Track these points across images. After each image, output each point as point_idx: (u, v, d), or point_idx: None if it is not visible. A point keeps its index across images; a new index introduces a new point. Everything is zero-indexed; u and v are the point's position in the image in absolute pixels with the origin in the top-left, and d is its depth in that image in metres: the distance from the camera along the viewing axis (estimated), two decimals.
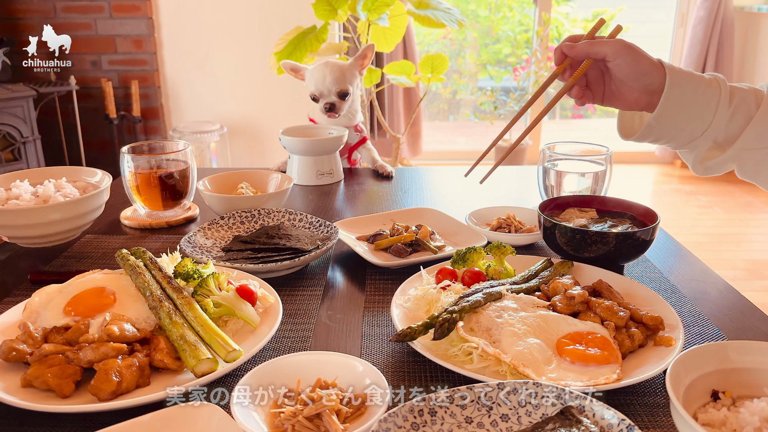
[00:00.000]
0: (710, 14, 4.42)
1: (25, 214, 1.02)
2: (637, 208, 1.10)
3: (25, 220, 1.02)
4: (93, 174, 1.20)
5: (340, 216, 1.38)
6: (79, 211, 1.06)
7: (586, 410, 0.60)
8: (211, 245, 1.12)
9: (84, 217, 1.09)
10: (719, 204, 4.17)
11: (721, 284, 1.04)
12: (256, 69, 3.77)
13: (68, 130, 3.75)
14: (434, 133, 6.00)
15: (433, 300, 0.88)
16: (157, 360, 0.73)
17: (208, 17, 3.74)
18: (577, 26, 5.92)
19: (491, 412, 0.63)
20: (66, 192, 1.12)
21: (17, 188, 1.10)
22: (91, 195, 1.07)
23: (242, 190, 1.37)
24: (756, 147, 0.88)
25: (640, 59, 0.85)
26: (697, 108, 0.87)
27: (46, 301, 0.82)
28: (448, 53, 5.75)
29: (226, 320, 0.83)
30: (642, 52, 0.86)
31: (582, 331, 0.78)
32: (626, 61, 0.85)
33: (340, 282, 1.05)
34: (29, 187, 1.12)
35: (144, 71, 3.80)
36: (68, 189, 1.13)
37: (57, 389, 0.69)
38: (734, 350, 0.69)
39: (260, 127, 3.97)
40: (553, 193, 1.29)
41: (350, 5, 2.58)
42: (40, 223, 1.03)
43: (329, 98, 1.59)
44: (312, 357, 0.74)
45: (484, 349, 0.74)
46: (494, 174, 0.99)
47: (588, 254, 1.00)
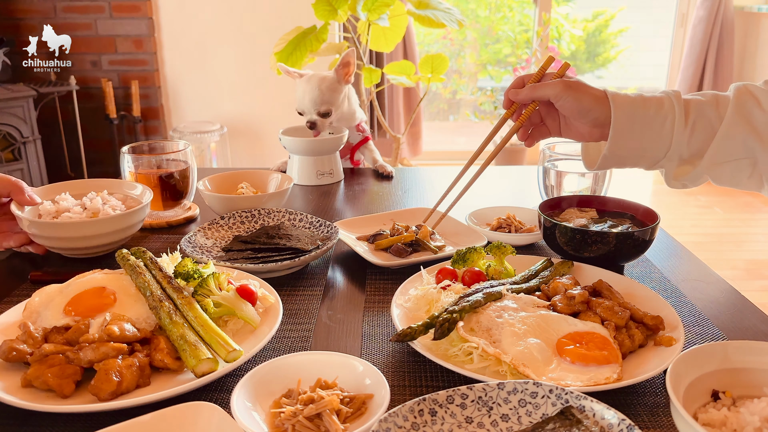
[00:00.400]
0: (710, 14, 4.42)
1: (78, 227, 1.04)
2: (637, 208, 1.10)
3: (77, 232, 1.04)
4: (133, 187, 1.22)
5: (341, 216, 1.38)
6: (127, 223, 1.09)
7: (586, 410, 0.60)
8: (212, 245, 1.12)
9: (130, 229, 1.11)
10: (719, 204, 4.17)
11: (721, 284, 1.04)
12: (256, 69, 3.77)
13: (68, 130, 3.75)
14: (434, 133, 5.99)
15: (433, 300, 0.88)
16: (158, 360, 0.73)
17: (208, 17, 3.74)
18: (577, 26, 5.92)
19: (491, 412, 0.63)
20: (112, 204, 1.14)
21: (65, 201, 1.13)
22: (139, 208, 1.10)
23: (242, 190, 1.37)
24: (726, 161, 0.88)
25: (582, 97, 0.87)
26: (650, 132, 0.88)
27: (47, 301, 0.82)
28: (448, 53, 5.75)
29: (226, 320, 0.83)
30: (585, 88, 0.88)
31: (582, 331, 0.78)
32: (569, 101, 0.88)
33: (340, 282, 1.05)
34: (74, 200, 1.14)
35: (144, 71, 3.80)
36: (113, 201, 1.15)
37: (57, 389, 0.69)
38: (734, 350, 0.69)
39: (260, 127, 3.97)
40: (553, 193, 1.29)
41: (350, 5, 2.58)
42: (90, 236, 1.05)
43: (310, 117, 1.58)
44: (312, 357, 0.74)
45: (484, 349, 0.74)
46: (494, 174, 1.00)
47: (588, 254, 1.00)
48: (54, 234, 1.04)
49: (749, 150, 0.87)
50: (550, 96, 0.89)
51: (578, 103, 0.88)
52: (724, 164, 0.89)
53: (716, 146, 0.87)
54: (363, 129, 1.72)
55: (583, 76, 6.22)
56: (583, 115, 0.89)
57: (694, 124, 0.87)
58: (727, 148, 0.87)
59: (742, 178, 0.90)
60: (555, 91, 0.88)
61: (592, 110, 0.88)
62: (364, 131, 1.73)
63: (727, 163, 0.88)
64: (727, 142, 0.87)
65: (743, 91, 0.88)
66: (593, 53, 6.19)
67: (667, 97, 0.89)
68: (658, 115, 0.88)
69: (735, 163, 0.88)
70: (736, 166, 0.88)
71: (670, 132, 0.88)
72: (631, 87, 6.44)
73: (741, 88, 0.89)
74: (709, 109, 0.88)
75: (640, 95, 0.89)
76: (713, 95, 0.90)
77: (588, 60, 6.20)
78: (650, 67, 6.10)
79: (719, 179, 0.91)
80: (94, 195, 1.16)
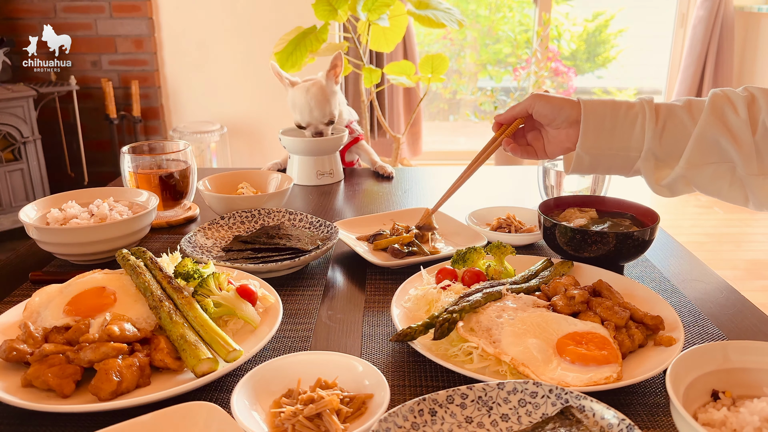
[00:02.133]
0: (710, 14, 4.42)
1: (86, 233, 1.05)
2: (637, 208, 1.10)
3: (86, 238, 1.05)
4: (138, 194, 1.24)
5: (340, 216, 1.38)
6: (135, 227, 1.10)
7: (586, 410, 0.60)
8: (212, 245, 1.12)
9: (139, 233, 1.13)
10: (719, 204, 4.17)
11: (721, 284, 1.04)
12: (256, 69, 3.77)
13: (68, 130, 3.75)
14: (434, 133, 5.99)
15: (433, 300, 0.88)
16: (158, 360, 0.74)
17: (208, 18, 3.74)
18: (577, 26, 5.92)
19: (491, 412, 0.63)
20: (119, 210, 1.16)
21: (72, 208, 1.14)
22: (145, 213, 1.12)
23: (242, 190, 1.37)
24: (703, 163, 0.90)
25: (552, 100, 0.96)
26: (621, 129, 0.92)
27: (47, 301, 0.82)
28: (448, 53, 5.75)
29: (226, 320, 0.83)
30: (555, 96, 0.97)
31: (582, 331, 0.78)
32: (541, 105, 0.96)
33: (340, 282, 1.05)
34: (80, 207, 1.16)
35: (144, 71, 3.79)
36: (120, 207, 1.17)
37: (57, 389, 0.69)
38: (734, 350, 0.69)
39: (260, 127, 3.97)
40: (553, 193, 1.29)
41: (350, 5, 2.58)
42: (98, 241, 1.06)
43: (318, 128, 1.58)
44: (312, 357, 0.74)
45: (484, 349, 0.74)
46: (494, 174, 1.02)
47: (588, 254, 1.00)
48: (62, 240, 1.05)
49: (725, 153, 0.89)
50: (527, 106, 0.98)
51: (550, 105, 0.95)
52: (702, 167, 0.90)
53: (691, 147, 0.90)
54: (353, 129, 1.72)
55: (583, 76, 6.22)
56: (556, 114, 0.95)
57: (665, 123, 0.91)
58: (702, 149, 0.89)
59: (723, 186, 0.91)
60: (530, 101, 0.98)
61: (563, 108, 0.94)
62: (354, 131, 1.72)
63: (705, 166, 0.90)
64: (702, 142, 0.89)
65: (720, 96, 0.91)
66: (593, 53, 6.19)
67: (638, 101, 0.94)
68: (629, 114, 0.92)
69: (714, 166, 0.90)
70: (715, 170, 0.90)
71: (641, 130, 0.91)
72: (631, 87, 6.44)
73: (718, 92, 0.91)
74: (681, 111, 0.91)
75: (612, 99, 0.95)
76: (687, 100, 0.93)
77: (588, 60, 6.21)
78: (650, 67, 6.10)
79: (700, 185, 0.93)
80: (100, 202, 1.18)
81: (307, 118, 1.57)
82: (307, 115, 1.56)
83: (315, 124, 1.57)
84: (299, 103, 1.56)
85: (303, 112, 1.56)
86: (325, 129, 1.58)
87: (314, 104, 1.55)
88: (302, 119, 1.58)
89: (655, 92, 6.00)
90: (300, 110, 1.57)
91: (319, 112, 1.56)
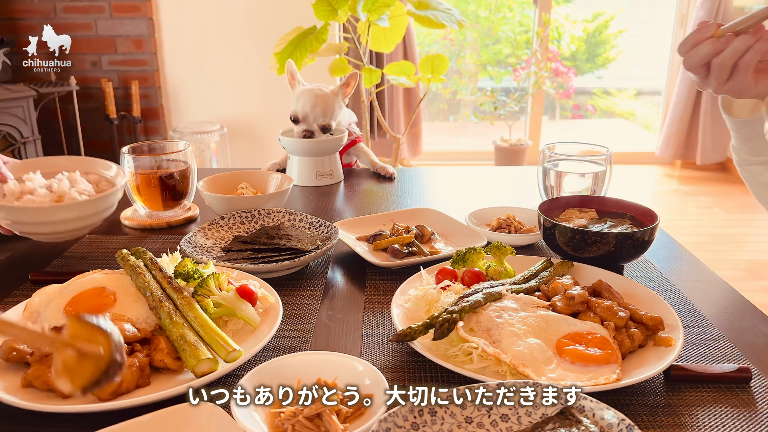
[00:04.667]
0: (710, 14, 4.42)
1: (38, 213, 0.99)
2: (636, 208, 1.10)
3: (40, 218, 1.00)
4: (108, 167, 1.15)
5: (340, 216, 1.38)
6: (93, 210, 1.04)
7: (586, 410, 0.60)
8: (211, 245, 1.12)
9: (98, 215, 1.06)
10: (719, 204, 4.17)
11: (721, 284, 1.04)
12: (256, 69, 3.77)
13: (68, 130, 3.75)
14: (434, 134, 6.00)
15: (433, 300, 0.88)
16: (158, 360, 0.74)
17: (208, 18, 3.74)
18: (577, 27, 5.92)
19: (491, 412, 0.63)
20: (81, 188, 1.07)
21: (30, 182, 1.06)
22: (105, 195, 1.04)
23: (242, 190, 1.37)
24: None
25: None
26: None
27: (47, 301, 0.82)
28: (448, 54, 5.75)
29: (226, 320, 0.83)
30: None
31: (582, 331, 0.78)
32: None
33: (340, 282, 1.05)
34: (42, 180, 1.07)
35: (144, 71, 3.80)
36: (82, 185, 1.08)
37: (57, 389, 0.69)
38: None
39: (260, 127, 3.97)
40: (553, 194, 1.29)
41: (350, 6, 2.58)
42: (54, 221, 1.01)
43: (311, 127, 1.58)
44: (312, 357, 0.74)
45: (484, 349, 0.74)
46: (494, 174, 1.00)
47: (588, 254, 1.00)
48: (16, 218, 0.99)
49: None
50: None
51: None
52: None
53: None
54: (351, 131, 1.72)
55: (583, 76, 6.23)
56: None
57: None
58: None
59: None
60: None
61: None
62: (351, 133, 1.72)
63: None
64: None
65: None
66: (593, 54, 6.19)
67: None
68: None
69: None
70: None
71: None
72: (631, 87, 6.44)
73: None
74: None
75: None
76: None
77: (588, 60, 6.21)
78: (650, 67, 6.11)
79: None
80: (62, 176, 1.08)
81: (307, 110, 1.57)
82: (309, 109, 1.57)
83: (310, 121, 1.57)
84: (305, 96, 1.57)
85: (305, 105, 1.57)
86: (317, 131, 1.58)
87: (319, 102, 1.56)
88: (301, 111, 1.58)
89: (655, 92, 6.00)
90: (303, 102, 1.57)
91: (321, 110, 1.56)
